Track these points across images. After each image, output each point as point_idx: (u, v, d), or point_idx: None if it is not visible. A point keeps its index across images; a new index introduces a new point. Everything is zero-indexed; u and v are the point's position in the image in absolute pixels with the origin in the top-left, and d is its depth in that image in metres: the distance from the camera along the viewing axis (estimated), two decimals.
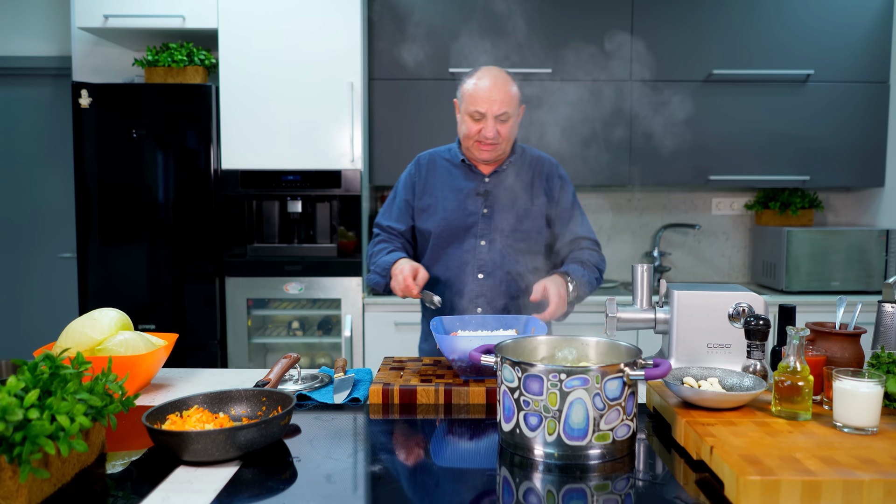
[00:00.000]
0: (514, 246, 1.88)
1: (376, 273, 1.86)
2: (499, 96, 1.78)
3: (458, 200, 1.90)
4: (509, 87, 1.81)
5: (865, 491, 0.90)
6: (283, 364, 1.50)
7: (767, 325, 1.29)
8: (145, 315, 3.00)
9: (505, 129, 1.82)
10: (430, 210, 1.92)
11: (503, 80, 1.82)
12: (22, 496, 0.89)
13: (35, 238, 3.68)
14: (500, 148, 1.85)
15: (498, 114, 1.79)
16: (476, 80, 1.82)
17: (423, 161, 1.99)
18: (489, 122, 1.79)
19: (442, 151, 2.00)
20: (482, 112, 1.79)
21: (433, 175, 1.95)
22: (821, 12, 3.19)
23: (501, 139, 1.82)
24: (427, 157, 2.00)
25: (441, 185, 1.93)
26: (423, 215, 1.93)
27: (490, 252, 1.88)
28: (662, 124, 3.24)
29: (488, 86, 1.79)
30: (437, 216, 1.90)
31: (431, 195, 1.93)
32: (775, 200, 3.40)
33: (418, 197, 1.95)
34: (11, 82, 3.61)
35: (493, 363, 1.19)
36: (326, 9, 2.97)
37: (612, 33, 3.19)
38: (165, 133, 2.96)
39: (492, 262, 1.88)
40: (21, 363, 1.02)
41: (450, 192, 1.91)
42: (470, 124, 1.83)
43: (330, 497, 0.97)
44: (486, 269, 1.88)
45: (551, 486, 1.01)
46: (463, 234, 1.89)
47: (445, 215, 1.90)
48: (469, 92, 1.82)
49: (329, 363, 3.21)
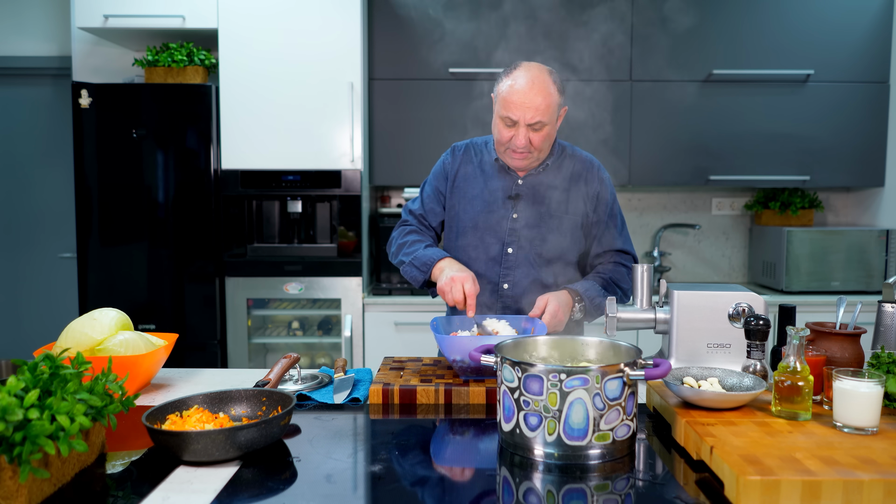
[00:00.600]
0: (543, 256, 1.74)
1: (415, 266, 1.72)
2: (534, 103, 1.59)
3: (488, 201, 1.76)
4: (548, 92, 1.61)
5: (865, 491, 0.90)
6: (283, 364, 1.50)
7: (767, 325, 1.29)
8: (145, 315, 3.00)
9: (539, 137, 1.64)
10: (460, 206, 1.79)
11: (542, 83, 1.61)
12: (22, 496, 0.89)
13: (35, 238, 3.68)
14: (533, 157, 1.68)
15: (531, 122, 1.61)
16: (512, 80, 1.62)
17: (458, 151, 1.84)
18: (521, 130, 1.62)
19: (479, 143, 1.84)
20: (514, 119, 1.61)
21: (466, 167, 1.81)
22: (821, 12, 3.19)
23: (534, 149, 1.66)
24: (462, 148, 1.85)
25: (473, 181, 1.79)
26: (452, 210, 1.81)
27: (517, 261, 1.74)
28: (662, 124, 3.24)
29: (523, 90, 1.59)
30: (466, 214, 1.77)
31: (462, 190, 1.79)
32: (775, 200, 3.40)
33: (450, 190, 1.81)
34: (11, 82, 3.61)
35: (493, 363, 1.19)
36: (326, 9, 2.98)
37: (612, 33, 3.19)
38: (165, 133, 2.96)
39: (519, 272, 1.74)
40: (21, 363, 1.02)
41: (480, 190, 1.77)
42: (501, 129, 1.66)
43: (330, 497, 0.97)
44: (512, 279, 1.75)
45: (551, 486, 1.01)
46: (489, 237, 1.75)
47: (474, 214, 1.76)
48: (503, 95, 1.63)
49: (329, 363, 3.21)
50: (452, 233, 1.82)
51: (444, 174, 1.84)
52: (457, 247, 1.81)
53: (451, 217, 1.82)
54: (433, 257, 1.70)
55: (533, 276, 1.75)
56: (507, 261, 1.75)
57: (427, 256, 1.71)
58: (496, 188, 1.77)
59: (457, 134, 3.14)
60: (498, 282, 1.76)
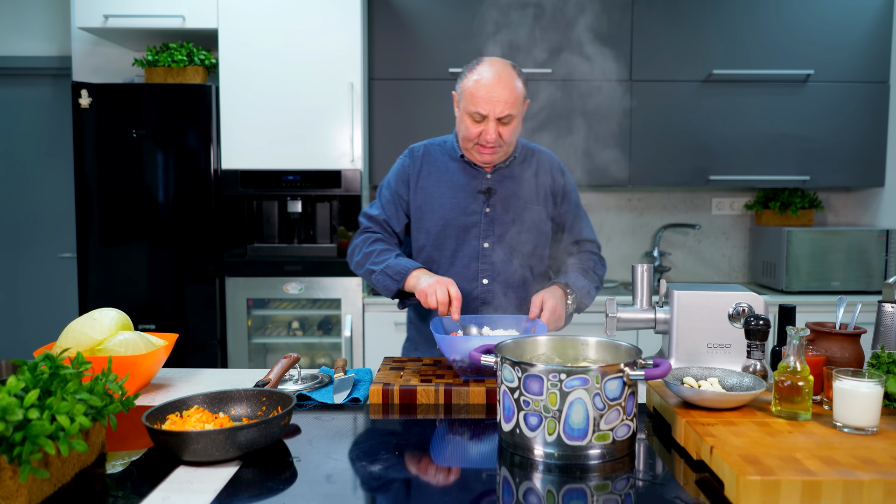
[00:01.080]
0: (520, 249, 1.74)
1: (387, 275, 1.67)
2: (502, 96, 1.60)
3: (458, 198, 1.74)
4: (514, 85, 1.62)
5: (865, 491, 0.90)
6: (283, 364, 1.50)
7: (767, 325, 1.29)
8: (145, 315, 3.00)
9: (508, 131, 1.65)
10: (427, 208, 1.76)
11: (507, 76, 1.62)
12: (22, 496, 0.89)
13: (35, 238, 3.68)
14: (502, 151, 1.70)
15: (500, 116, 1.62)
16: (477, 76, 1.62)
17: (417, 153, 1.82)
18: (491, 124, 1.62)
19: (437, 143, 1.83)
20: (483, 114, 1.62)
21: (428, 168, 1.78)
22: (821, 12, 3.19)
23: (503, 142, 1.67)
24: (421, 149, 1.82)
25: (438, 181, 1.77)
26: (418, 213, 1.78)
27: (495, 255, 1.74)
28: (662, 124, 3.24)
29: (491, 85, 1.60)
30: (435, 215, 1.75)
31: (427, 191, 1.77)
32: (775, 200, 3.40)
33: (413, 192, 1.78)
34: (11, 82, 3.61)
35: (493, 363, 1.19)
36: (326, 9, 2.98)
37: (612, 33, 3.19)
38: (165, 133, 2.96)
39: (497, 266, 1.74)
40: (21, 363, 1.02)
41: (448, 189, 1.76)
42: (469, 125, 1.65)
43: (330, 497, 0.97)
44: (491, 273, 1.75)
45: (551, 486, 1.01)
46: (463, 235, 1.75)
47: (444, 213, 1.74)
48: (469, 90, 1.63)
49: (329, 363, 3.21)
50: (422, 234, 1.78)
51: (406, 177, 1.80)
52: (430, 247, 1.77)
53: (418, 219, 1.78)
54: (407, 266, 1.66)
55: (510, 269, 1.76)
56: (485, 255, 1.75)
57: (401, 265, 1.67)
58: (465, 184, 1.76)
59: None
60: (476, 277, 1.76)
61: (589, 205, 3.61)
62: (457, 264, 1.76)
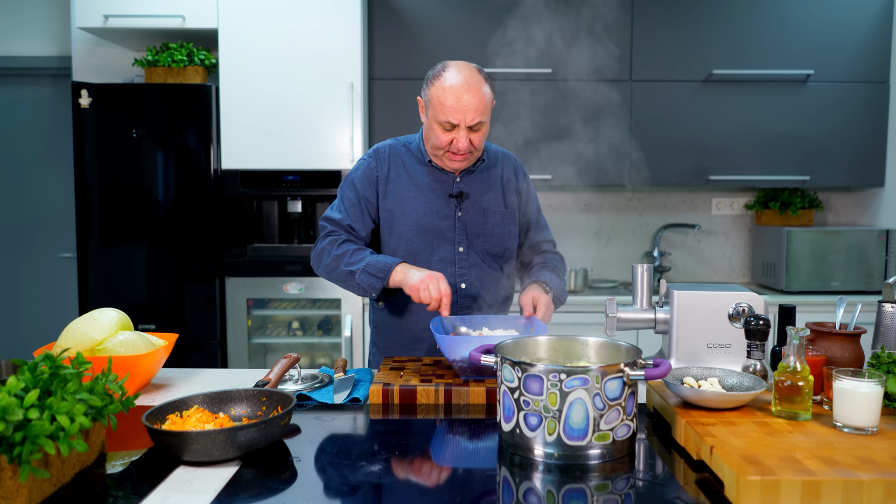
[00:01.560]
0: (491, 252, 1.74)
1: (369, 273, 1.61)
2: (472, 104, 1.57)
3: (429, 202, 1.71)
4: (482, 91, 1.59)
5: (865, 491, 0.90)
6: (283, 364, 1.50)
7: (767, 325, 1.29)
8: (145, 315, 3.00)
9: (478, 137, 1.63)
10: (398, 212, 1.72)
11: (475, 82, 1.59)
12: (22, 496, 0.89)
13: (35, 238, 3.68)
14: (474, 157, 1.69)
15: (471, 124, 1.59)
16: (445, 83, 1.59)
17: (382, 154, 1.76)
18: (462, 133, 1.60)
19: (402, 143, 1.78)
20: (454, 123, 1.59)
21: (396, 171, 1.74)
22: (821, 12, 3.19)
23: (474, 149, 1.65)
24: (387, 150, 1.77)
25: (408, 184, 1.73)
26: (388, 216, 1.73)
27: (470, 258, 1.73)
28: (662, 124, 3.24)
29: (460, 92, 1.56)
30: (408, 219, 1.71)
31: (397, 195, 1.73)
32: (775, 200, 3.40)
33: (382, 195, 1.73)
34: (11, 82, 3.61)
35: (493, 363, 1.19)
36: (326, 9, 2.98)
37: (612, 33, 3.19)
38: (165, 133, 2.96)
39: (473, 271, 1.73)
40: (21, 363, 1.02)
41: (418, 192, 1.72)
42: (440, 134, 1.62)
43: (330, 497, 0.97)
44: (468, 278, 1.73)
45: (551, 486, 1.01)
46: (436, 239, 1.71)
47: (417, 218, 1.70)
48: (438, 98, 1.59)
49: (329, 363, 3.21)
50: (393, 239, 1.74)
51: (373, 179, 1.74)
52: (403, 252, 1.73)
53: (388, 223, 1.74)
54: (389, 263, 1.61)
55: (486, 272, 1.76)
56: (461, 260, 1.74)
57: (382, 262, 1.61)
58: (435, 189, 1.73)
59: None
60: (455, 282, 1.73)
61: (589, 205, 3.61)
62: (433, 269, 1.71)
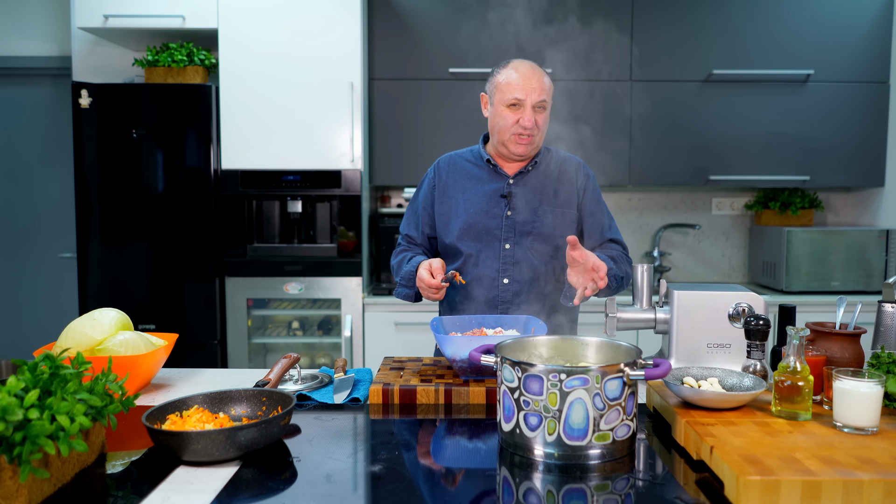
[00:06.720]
0: (539, 249, 1.81)
1: (402, 285, 1.83)
2: (539, 83, 1.75)
3: (481, 203, 1.83)
4: (545, 77, 1.78)
5: (865, 491, 0.90)
6: (283, 364, 1.50)
7: (767, 325, 1.29)
8: (145, 315, 3.00)
9: (542, 118, 1.77)
10: (452, 213, 1.86)
11: (538, 70, 1.79)
12: (22, 496, 0.89)
13: (35, 238, 3.68)
14: (536, 140, 1.79)
15: (536, 102, 1.74)
16: (511, 69, 1.77)
17: (442, 165, 1.93)
18: (527, 110, 1.74)
19: (463, 153, 1.93)
20: (521, 99, 1.73)
21: (454, 178, 1.89)
22: (821, 12, 3.19)
23: (538, 130, 1.77)
24: (447, 161, 1.93)
25: (462, 188, 1.87)
26: (443, 219, 1.87)
27: (515, 257, 1.81)
28: (662, 124, 3.24)
29: (526, 74, 1.75)
30: (459, 218, 1.84)
31: (452, 198, 1.87)
32: (775, 200, 3.40)
33: (439, 202, 1.89)
34: (11, 82, 3.61)
35: (493, 363, 1.19)
36: (326, 9, 2.98)
37: (611, 33, 3.19)
38: (165, 133, 2.96)
39: (518, 266, 1.81)
40: (21, 363, 1.02)
41: (472, 195, 1.85)
42: (506, 114, 1.76)
43: (330, 497, 0.97)
44: (512, 273, 1.81)
45: (551, 486, 1.01)
46: (486, 236, 1.82)
47: (467, 217, 1.83)
48: (504, 82, 1.76)
49: (329, 363, 3.21)
50: (447, 238, 1.87)
51: (431, 189, 1.91)
52: (454, 248, 1.86)
53: (443, 225, 1.88)
54: (412, 270, 1.78)
55: (530, 270, 1.81)
56: (506, 257, 1.81)
57: (408, 272, 1.80)
58: (487, 190, 1.84)
59: (456, 134, 3.14)
60: (497, 277, 1.82)
61: None
62: (480, 265, 1.83)
